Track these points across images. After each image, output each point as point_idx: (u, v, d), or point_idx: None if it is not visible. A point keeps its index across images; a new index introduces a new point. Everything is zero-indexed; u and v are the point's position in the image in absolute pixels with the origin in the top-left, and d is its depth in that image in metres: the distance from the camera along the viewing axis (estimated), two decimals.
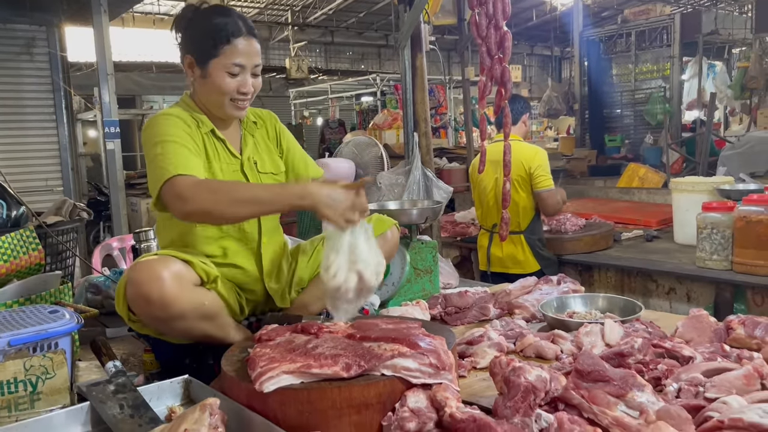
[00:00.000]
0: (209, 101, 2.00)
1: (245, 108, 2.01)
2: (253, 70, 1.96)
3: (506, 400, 1.45)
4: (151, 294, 1.71)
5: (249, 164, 2.07)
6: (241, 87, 1.94)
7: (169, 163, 1.79)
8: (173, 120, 1.93)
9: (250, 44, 1.95)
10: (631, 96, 9.44)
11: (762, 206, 3.29)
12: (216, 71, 1.93)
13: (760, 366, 1.62)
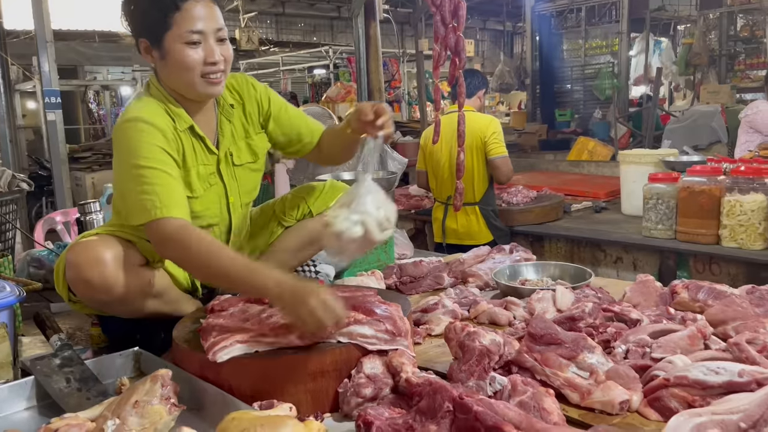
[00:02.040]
0: (178, 84, 1.77)
1: (221, 82, 1.78)
2: (216, 35, 1.74)
3: (461, 364, 1.46)
4: (92, 278, 1.64)
5: (225, 160, 1.91)
6: (207, 57, 1.72)
7: (156, 198, 1.62)
8: (150, 132, 1.68)
9: (204, 6, 1.73)
10: (581, 71, 9.59)
11: (704, 177, 3.40)
12: (173, 46, 1.71)
13: (702, 327, 1.69)
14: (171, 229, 1.61)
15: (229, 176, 1.92)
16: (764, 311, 1.81)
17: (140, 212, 1.62)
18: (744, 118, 4.54)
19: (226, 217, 1.95)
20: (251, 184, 2.05)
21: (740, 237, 3.27)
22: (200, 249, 1.58)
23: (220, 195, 1.91)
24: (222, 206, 1.92)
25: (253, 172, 2.02)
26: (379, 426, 1.22)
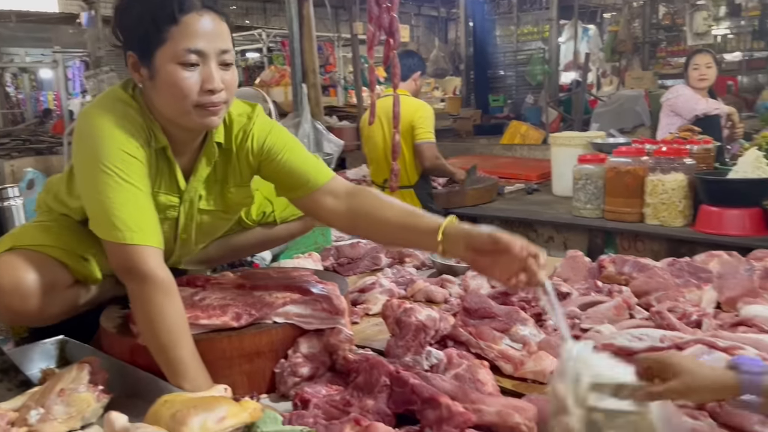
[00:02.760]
0: (167, 111, 1.45)
1: (219, 112, 1.45)
2: (219, 57, 1.42)
3: (398, 340, 1.47)
4: (12, 305, 1.49)
5: (190, 202, 1.60)
6: (205, 83, 1.40)
7: (128, 218, 1.37)
8: (120, 136, 1.41)
9: (210, 21, 1.41)
10: (514, 57, 9.75)
11: (629, 158, 3.54)
12: (165, 65, 1.38)
13: (628, 298, 1.76)
14: (149, 271, 1.35)
15: (188, 218, 1.63)
16: (684, 282, 1.90)
17: (105, 227, 1.38)
18: (665, 102, 4.73)
19: (171, 247, 1.65)
20: (216, 230, 1.78)
21: (662, 215, 3.42)
22: (164, 318, 1.33)
23: (172, 228, 1.63)
24: (169, 238, 1.62)
25: (221, 220, 1.74)
26: (317, 403, 1.22)
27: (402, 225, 1.47)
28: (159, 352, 1.34)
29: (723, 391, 0.98)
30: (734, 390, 0.96)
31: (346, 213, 1.56)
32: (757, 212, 3.16)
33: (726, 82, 8.62)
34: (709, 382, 0.99)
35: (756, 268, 1.85)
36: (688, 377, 0.99)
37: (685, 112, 4.51)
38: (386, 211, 1.50)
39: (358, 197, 1.55)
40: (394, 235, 1.52)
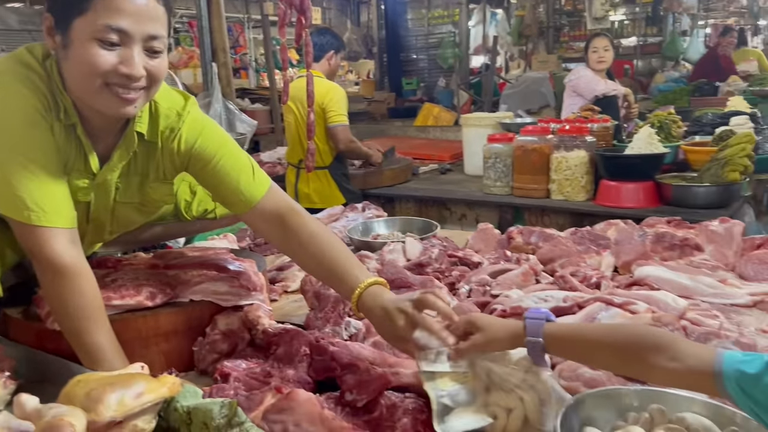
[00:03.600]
0: (77, 87, 1.30)
1: (133, 102, 1.30)
2: (147, 43, 1.27)
3: (317, 312, 1.50)
4: None
5: (106, 191, 1.48)
6: (122, 65, 1.25)
7: (30, 196, 1.26)
8: (23, 102, 1.28)
9: (141, 0, 1.25)
10: (426, 41, 9.89)
11: (535, 137, 3.70)
12: (81, 37, 1.23)
13: (534, 265, 1.86)
14: (56, 254, 1.26)
15: (100, 207, 1.50)
16: (585, 249, 2.03)
17: (7, 204, 1.28)
18: (568, 83, 4.97)
19: (84, 229, 1.51)
20: (132, 223, 1.64)
21: (566, 190, 3.61)
22: (84, 305, 1.27)
23: (84, 212, 1.49)
24: (81, 221, 1.48)
25: (140, 213, 1.61)
26: (237, 376, 1.23)
27: (328, 273, 1.38)
28: (72, 337, 1.29)
29: (515, 338, 1.12)
30: (521, 335, 1.10)
31: (279, 239, 1.47)
32: (651, 185, 3.39)
33: (623, 66, 9.12)
34: (503, 332, 1.13)
35: (648, 234, 2.00)
36: (486, 330, 1.14)
37: (586, 93, 4.76)
38: (316, 254, 1.40)
39: (290, 228, 1.45)
40: (321, 277, 1.46)
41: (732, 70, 7.61)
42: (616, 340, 1.05)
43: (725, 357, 0.93)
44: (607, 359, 1.08)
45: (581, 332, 1.14)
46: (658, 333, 1.04)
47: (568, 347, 1.11)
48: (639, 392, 1.12)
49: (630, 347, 1.02)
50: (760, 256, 1.76)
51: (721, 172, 3.26)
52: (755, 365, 0.88)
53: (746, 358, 0.91)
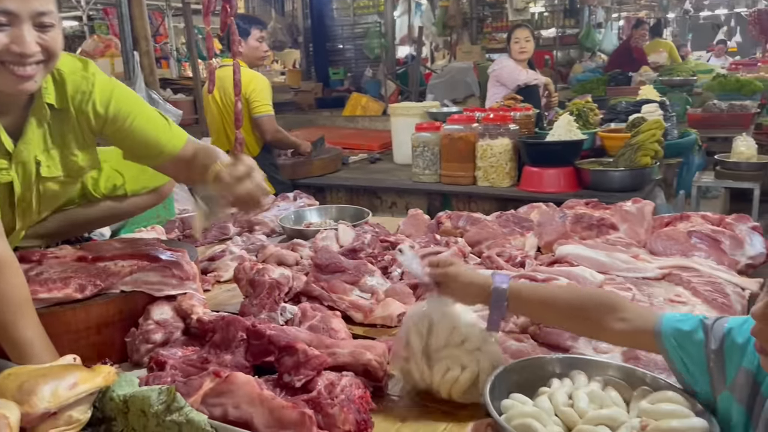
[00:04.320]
0: None
1: (32, 77, 1.32)
2: (36, 20, 1.29)
3: (252, 299, 1.51)
4: None
5: (25, 169, 1.46)
6: (14, 45, 1.27)
7: None
8: None
9: None
10: (351, 30, 9.87)
11: (461, 125, 3.79)
12: None
13: (462, 247, 1.93)
14: None
15: (25, 186, 1.49)
16: (510, 231, 2.12)
17: None
18: (492, 73, 5.11)
19: (10, 217, 1.52)
20: (60, 196, 1.65)
21: (492, 176, 3.72)
22: (8, 299, 1.24)
23: (6, 195, 1.49)
24: (5, 206, 1.50)
25: (67, 185, 1.61)
26: (174, 364, 1.22)
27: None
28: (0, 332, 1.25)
29: (481, 293, 1.21)
30: (488, 292, 1.19)
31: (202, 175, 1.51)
32: (570, 171, 3.55)
33: (543, 56, 9.43)
34: (473, 286, 1.22)
35: (568, 215, 2.11)
36: (460, 278, 1.23)
37: (508, 82, 4.91)
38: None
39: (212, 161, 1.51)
40: None
41: (644, 61, 8.02)
42: (572, 300, 1.15)
43: (664, 318, 1.05)
44: (563, 317, 1.17)
45: (541, 291, 1.23)
46: (610, 295, 1.15)
47: (528, 303, 1.19)
48: (561, 360, 1.20)
49: (585, 307, 1.12)
50: (668, 233, 1.90)
51: (634, 157, 3.46)
52: (689, 324, 1.00)
53: (682, 318, 1.03)
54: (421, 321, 1.24)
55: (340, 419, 1.08)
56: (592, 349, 1.27)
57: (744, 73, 8.39)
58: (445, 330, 1.22)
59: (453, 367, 1.19)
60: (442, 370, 1.20)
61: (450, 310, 1.25)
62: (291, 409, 1.04)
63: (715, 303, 1.48)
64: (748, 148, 4.22)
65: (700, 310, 1.45)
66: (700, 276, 1.61)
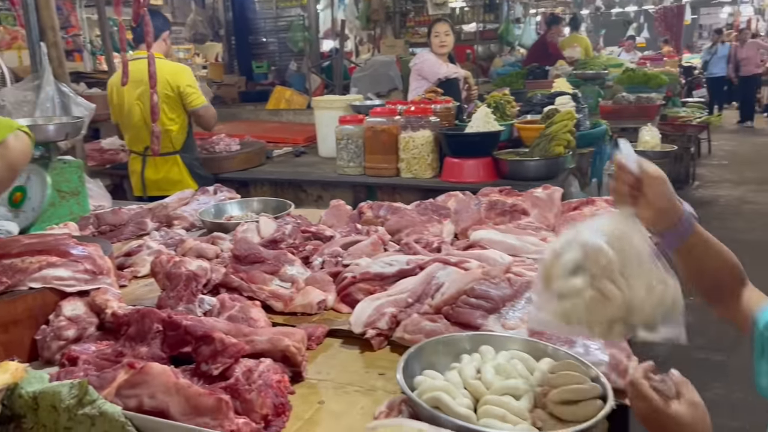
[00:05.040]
0: None
1: None
2: None
3: (169, 292, 1.49)
4: None
5: None
6: None
7: None
8: None
9: None
10: (274, 23, 9.75)
11: (384, 118, 3.85)
12: None
13: (382, 235, 1.98)
14: None
15: None
16: (428, 218, 2.18)
17: None
18: (413, 67, 5.19)
19: None
20: None
21: (414, 168, 3.79)
22: None
23: None
24: None
25: None
26: (87, 359, 1.21)
27: None
28: None
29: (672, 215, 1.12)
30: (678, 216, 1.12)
31: None
32: (489, 161, 3.67)
33: (465, 51, 9.64)
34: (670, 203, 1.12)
35: (483, 202, 2.20)
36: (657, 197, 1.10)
37: (429, 76, 5.00)
38: None
39: None
40: None
41: (559, 56, 8.34)
42: (732, 257, 1.20)
43: (765, 309, 1.13)
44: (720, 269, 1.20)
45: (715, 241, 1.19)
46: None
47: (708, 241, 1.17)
48: (471, 337, 1.26)
49: (736, 265, 1.19)
50: (575, 216, 2.01)
51: (548, 146, 3.61)
52: None
53: None
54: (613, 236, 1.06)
55: (258, 403, 1.10)
56: (501, 326, 1.34)
57: (651, 67, 8.88)
58: (639, 246, 1.06)
59: (655, 285, 1.05)
60: (644, 285, 1.03)
61: (639, 227, 1.10)
62: (207, 395, 1.05)
63: None
64: (652, 137, 4.48)
65: None
66: None
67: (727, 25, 17.99)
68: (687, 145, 7.95)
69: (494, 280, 1.41)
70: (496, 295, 1.38)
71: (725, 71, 13.17)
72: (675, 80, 8.88)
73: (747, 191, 7.81)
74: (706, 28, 21.39)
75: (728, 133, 12.30)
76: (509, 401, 1.05)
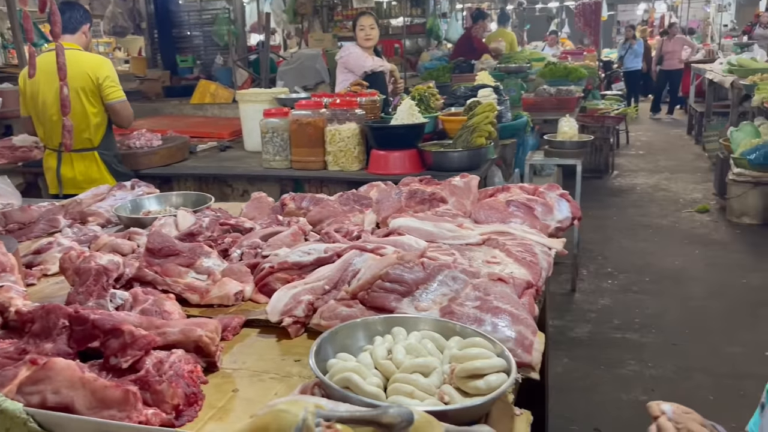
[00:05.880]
0: None
1: None
2: None
3: (79, 288, 1.45)
4: None
5: None
6: None
7: None
8: None
9: None
10: (199, 16, 9.52)
11: (309, 110, 3.84)
12: None
13: (303, 225, 1.98)
14: None
15: None
16: (350, 209, 2.20)
17: None
18: (339, 60, 5.20)
19: None
20: None
21: (341, 161, 3.81)
22: None
23: None
24: None
25: None
26: None
27: None
28: None
29: None
30: None
31: None
32: (414, 153, 3.72)
33: (393, 45, 9.71)
34: None
35: (403, 191, 2.24)
36: None
37: (355, 69, 5.02)
38: None
39: None
40: None
41: (485, 50, 8.53)
42: None
43: None
44: None
45: None
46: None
47: None
48: (384, 319, 1.29)
49: None
50: (490, 203, 2.08)
51: (471, 138, 3.70)
52: None
53: None
54: None
55: (169, 394, 1.09)
56: (414, 308, 1.38)
57: (572, 61, 9.21)
58: None
59: None
60: None
61: None
62: (113, 388, 1.03)
63: (524, 261, 1.65)
64: (570, 128, 4.66)
65: (512, 269, 1.61)
66: (514, 239, 1.79)
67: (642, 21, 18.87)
68: (606, 136, 8.31)
69: (408, 264, 1.44)
70: (410, 279, 1.42)
71: (640, 65, 13.80)
72: (594, 74, 9.24)
73: (661, 179, 8.23)
74: (624, 24, 22.37)
75: (645, 125, 12.92)
76: (417, 378, 1.08)
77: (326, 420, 0.72)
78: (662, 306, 4.46)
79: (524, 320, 1.33)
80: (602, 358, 3.75)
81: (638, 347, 3.90)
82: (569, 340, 4.02)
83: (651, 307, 4.44)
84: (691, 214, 6.54)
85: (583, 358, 3.77)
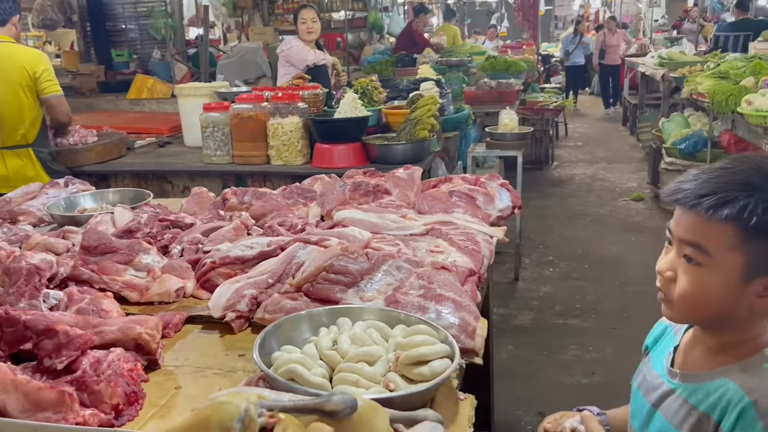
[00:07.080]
0: None
1: None
2: None
3: (9, 288, 1.39)
4: None
5: None
6: None
7: None
8: None
9: None
10: (134, 9, 9.24)
11: (250, 104, 3.78)
12: None
13: (245, 219, 1.96)
14: None
15: None
16: (294, 202, 2.19)
17: None
18: (280, 53, 5.14)
19: None
20: None
21: (285, 155, 3.77)
22: None
23: None
24: None
25: None
26: None
27: None
28: None
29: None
30: None
31: None
32: (358, 146, 3.72)
33: (336, 39, 9.66)
34: None
35: (348, 184, 2.23)
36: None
37: (297, 62, 4.98)
38: None
39: None
40: None
41: (426, 44, 8.60)
42: None
43: None
44: None
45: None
46: None
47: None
48: (328, 311, 1.29)
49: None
50: (433, 194, 2.10)
51: (413, 131, 3.72)
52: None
53: None
54: None
55: (107, 394, 1.06)
56: (359, 298, 1.38)
57: (512, 55, 9.38)
58: None
59: None
60: None
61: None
62: (48, 389, 1.00)
63: (466, 250, 1.68)
64: (510, 120, 4.75)
65: (455, 257, 1.63)
66: (456, 229, 1.81)
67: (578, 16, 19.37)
68: (545, 128, 8.51)
69: (353, 255, 1.44)
70: (354, 270, 1.42)
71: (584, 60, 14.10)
72: (533, 67, 9.44)
73: (598, 169, 8.50)
74: (561, 19, 22.93)
75: (583, 117, 13.30)
76: (362, 367, 1.09)
77: (269, 410, 0.72)
78: (601, 292, 4.61)
79: (467, 307, 1.35)
80: (545, 344, 3.86)
81: (579, 332, 4.02)
82: (513, 328, 4.11)
83: (591, 293, 4.59)
84: (627, 203, 6.78)
85: (526, 345, 3.87)
